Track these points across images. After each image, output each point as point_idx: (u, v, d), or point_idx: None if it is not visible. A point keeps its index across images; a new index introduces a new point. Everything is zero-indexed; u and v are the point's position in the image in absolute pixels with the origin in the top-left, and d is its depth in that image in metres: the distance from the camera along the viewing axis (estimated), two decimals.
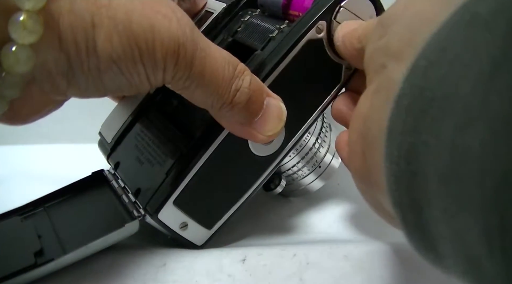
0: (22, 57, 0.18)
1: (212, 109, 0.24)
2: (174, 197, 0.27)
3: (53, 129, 0.45)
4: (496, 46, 0.13)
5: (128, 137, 0.32)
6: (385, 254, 0.28)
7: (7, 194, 0.39)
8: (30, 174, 0.42)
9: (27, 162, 0.44)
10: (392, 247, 0.29)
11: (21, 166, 0.43)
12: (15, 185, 0.40)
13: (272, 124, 0.25)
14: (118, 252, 0.29)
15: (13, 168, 0.43)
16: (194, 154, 0.27)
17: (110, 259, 0.28)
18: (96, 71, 0.20)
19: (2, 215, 0.30)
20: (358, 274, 0.27)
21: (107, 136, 0.33)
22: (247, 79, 0.23)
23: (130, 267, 0.28)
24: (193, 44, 0.21)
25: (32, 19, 0.17)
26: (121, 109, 0.33)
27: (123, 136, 0.32)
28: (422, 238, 0.16)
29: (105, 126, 0.34)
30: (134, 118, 0.32)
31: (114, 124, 0.32)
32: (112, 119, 0.33)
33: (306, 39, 0.27)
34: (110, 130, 0.33)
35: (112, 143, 0.32)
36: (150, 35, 0.20)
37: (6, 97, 0.19)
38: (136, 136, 0.31)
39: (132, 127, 0.31)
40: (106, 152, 0.33)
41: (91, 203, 0.32)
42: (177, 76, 0.21)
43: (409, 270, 0.27)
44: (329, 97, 0.29)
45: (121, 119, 0.32)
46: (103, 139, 0.33)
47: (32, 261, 0.26)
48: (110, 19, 0.19)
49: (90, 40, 0.19)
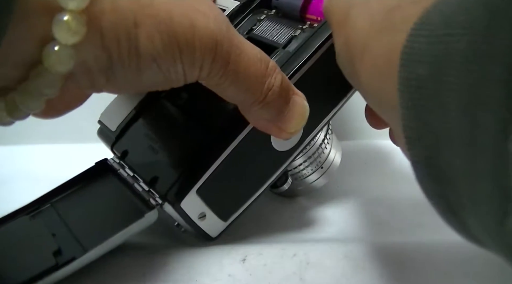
0: (64, 57, 0.17)
1: (242, 105, 0.24)
2: (198, 185, 0.27)
3: (55, 129, 0.45)
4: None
5: (135, 126, 0.31)
6: (385, 254, 0.28)
7: (9, 194, 0.39)
8: (31, 174, 0.42)
9: (29, 162, 0.44)
10: (392, 247, 0.29)
11: (22, 166, 0.43)
12: (17, 185, 0.40)
13: (296, 122, 0.25)
14: (118, 252, 0.29)
15: (15, 168, 0.43)
16: (220, 144, 0.27)
17: (110, 259, 0.28)
18: (136, 69, 0.19)
19: (9, 215, 0.29)
20: (358, 274, 0.27)
21: (111, 124, 0.32)
22: (279, 78, 0.23)
23: (130, 267, 0.28)
24: (229, 41, 0.21)
25: (76, 20, 0.17)
26: (125, 98, 0.32)
27: (130, 125, 0.31)
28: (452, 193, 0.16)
29: (107, 114, 0.33)
30: (141, 108, 0.31)
31: (118, 113, 0.32)
32: (115, 107, 0.33)
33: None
34: (114, 119, 0.32)
35: (117, 131, 0.31)
36: (190, 33, 0.20)
37: (45, 96, 0.19)
38: (145, 125, 0.31)
39: (139, 117, 0.31)
40: (110, 140, 0.32)
41: (99, 195, 0.31)
42: (212, 73, 0.21)
43: (409, 270, 0.27)
44: (345, 99, 0.31)
45: (126, 108, 0.32)
46: (105, 128, 0.32)
47: (52, 262, 0.24)
48: (152, 18, 0.19)
49: (132, 39, 0.19)
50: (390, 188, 0.40)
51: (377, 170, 0.43)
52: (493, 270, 0.27)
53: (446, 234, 0.31)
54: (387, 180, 0.41)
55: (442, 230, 0.33)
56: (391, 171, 0.42)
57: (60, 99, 0.20)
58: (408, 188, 0.39)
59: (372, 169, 0.43)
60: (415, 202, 0.37)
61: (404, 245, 0.29)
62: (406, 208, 0.36)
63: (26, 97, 0.18)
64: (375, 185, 0.40)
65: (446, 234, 0.31)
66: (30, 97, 0.18)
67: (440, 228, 0.33)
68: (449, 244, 0.29)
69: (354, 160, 0.43)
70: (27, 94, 0.18)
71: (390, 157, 0.44)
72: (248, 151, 0.28)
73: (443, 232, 0.32)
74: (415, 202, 0.37)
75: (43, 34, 0.17)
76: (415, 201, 0.37)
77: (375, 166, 0.44)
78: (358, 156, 0.45)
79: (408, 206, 0.37)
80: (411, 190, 0.38)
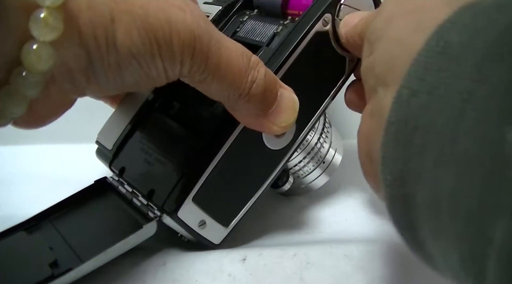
0: (44, 55, 0.17)
1: (228, 101, 0.23)
2: (193, 193, 0.27)
3: (55, 129, 0.45)
4: (466, 79, 0.14)
5: (131, 142, 0.31)
6: (385, 254, 0.28)
7: (9, 194, 0.39)
8: (31, 174, 0.42)
9: (29, 162, 0.44)
10: (392, 247, 0.29)
11: (22, 166, 0.43)
12: (17, 185, 0.40)
13: (287, 115, 0.25)
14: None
15: (15, 168, 0.43)
16: (211, 149, 0.27)
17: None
18: (116, 66, 0.19)
19: (6, 231, 0.28)
20: (358, 273, 0.27)
21: (107, 143, 0.32)
22: (262, 70, 0.23)
23: (130, 266, 0.28)
24: (208, 35, 0.21)
25: (53, 16, 0.17)
26: (119, 116, 0.32)
27: (125, 142, 0.31)
28: (420, 251, 0.17)
29: (103, 134, 0.33)
30: (135, 123, 0.31)
31: (113, 131, 0.32)
32: (110, 126, 0.33)
33: (314, 31, 0.28)
34: (110, 137, 0.32)
35: (113, 149, 0.31)
36: (167, 28, 0.20)
37: (27, 98, 0.19)
38: (140, 140, 0.31)
39: (134, 132, 0.31)
40: (108, 159, 0.32)
41: (98, 211, 0.31)
42: (193, 69, 0.21)
43: (409, 270, 0.27)
44: (335, 90, 0.30)
45: (120, 125, 0.32)
46: (102, 147, 0.33)
47: (48, 273, 0.24)
48: (128, 14, 0.19)
49: (110, 36, 0.19)
50: None
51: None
52: None
53: None
54: None
55: None
56: None
57: (43, 105, 0.20)
58: None
59: None
60: None
61: (404, 245, 0.29)
62: None
63: (7, 100, 0.18)
64: None
65: None
66: (11, 100, 0.18)
67: None
68: None
69: (355, 159, 0.42)
70: (8, 97, 0.18)
71: None
72: (241, 153, 0.28)
73: None
74: None
75: (21, 33, 0.17)
76: None
77: None
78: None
79: None
80: None
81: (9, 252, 0.27)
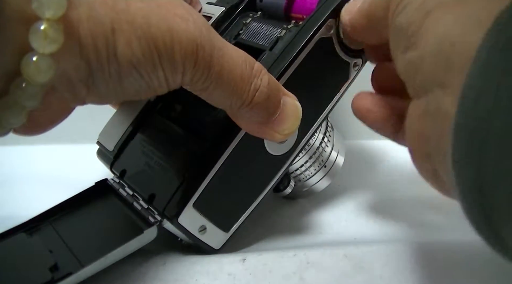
0: (43, 67, 0.17)
1: (231, 109, 0.23)
2: (194, 199, 0.27)
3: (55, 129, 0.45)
4: None
5: (132, 144, 0.31)
6: (385, 254, 0.28)
7: (9, 194, 0.39)
8: (31, 174, 0.42)
9: (29, 162, 0.44)
10: (392, 247, 0.29)
11: (22, 166, 0.43)
12: (17, 185, 0.40)
13: (290, 123, 0.25)
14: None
15: (15, 168, 0.43)
16: (213, 155, 0.27)
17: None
18: (116, 76, 0.19)
19: (6, 232, 0.28)
20: (358, 274, 0.27)
21: (108, 144, 0.32)
22: (265, 78, 0.23)
23: (130, 266, 0.28)
24: (210, 44, 0.21)
25: (53, 28, 0.17)
26: (121, 117, 0.32)
27: (126, 144, 0.31)
28: (500, 245, 0.17)
29: (104, 135, 0.33)
30: (137, 125, 0.31)
31: (115, 132, 0.32)
32: (111, 127, 0.33)
33: (318, 37, 0.27)
34: (111, 139, 0.32)
35: (115, 151, 0.31)
36: (168, 37, 0.19)
37: (26, 108, 0.18)
38: (141, 142, 0.31)
39: (135, 134, 0.31)
40: (109, 160, 0.32)
41: (98, 214, 0.30)
42: (195, 78, 0.21)
43: (408, 270, 0.27)
44: (338, 95, 0.30)
45: (122, 127, 0.32)
46: (103, 148, 0.32)
47: (48, 277, 0.24)
48: (129, 24, 0.19)
49: (110, 46, 0.18)
50: (390, 188, 0.40)
51: (377, 169, 0.43)
52: (494, 270, 0.27)
53: (447, 233, 0.32)
54: (387, 180, 0.41)
55: (443, 230, 0.33)
56: (391, 171, 0.42)
57: (43, 113, 0.20)
58: (409, 188, 0.39)
59: (373, 169, 0.43)
60: (416, 201, 0.37)
61: (404, 244, 0.29)
62: (407, 208, 0.36)
63: (6, 111, 0.18)
64: (375, 185, 0.40)
65: (447, 233, 0.32)
66: (10, 111, 0.18)
67: (441, 228, 0.33)
68: (450, 244, 0.29)
69: (354, 160, 0.43)
70: (7, 108, 0.18)
71: (390, 156, 0.44)
72: (242, 159, 0.28)
73: (444, 232, 0.32)
74: (416, 201, 0.37)
75: (21, 44, 0.17)
76: (415, 201, 0.37)
77: (375, 165, 0.44)
78: (359, 155, 0.45)
79: (408, 205, 0.37)
80: (412, 190, 0.38)
81: (9, 254, 0.27)
